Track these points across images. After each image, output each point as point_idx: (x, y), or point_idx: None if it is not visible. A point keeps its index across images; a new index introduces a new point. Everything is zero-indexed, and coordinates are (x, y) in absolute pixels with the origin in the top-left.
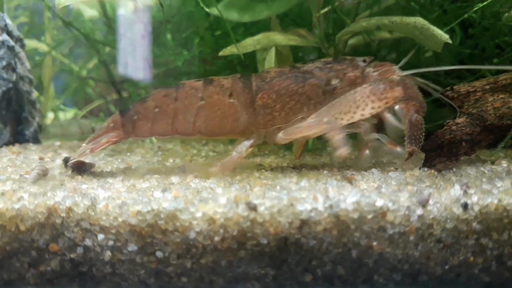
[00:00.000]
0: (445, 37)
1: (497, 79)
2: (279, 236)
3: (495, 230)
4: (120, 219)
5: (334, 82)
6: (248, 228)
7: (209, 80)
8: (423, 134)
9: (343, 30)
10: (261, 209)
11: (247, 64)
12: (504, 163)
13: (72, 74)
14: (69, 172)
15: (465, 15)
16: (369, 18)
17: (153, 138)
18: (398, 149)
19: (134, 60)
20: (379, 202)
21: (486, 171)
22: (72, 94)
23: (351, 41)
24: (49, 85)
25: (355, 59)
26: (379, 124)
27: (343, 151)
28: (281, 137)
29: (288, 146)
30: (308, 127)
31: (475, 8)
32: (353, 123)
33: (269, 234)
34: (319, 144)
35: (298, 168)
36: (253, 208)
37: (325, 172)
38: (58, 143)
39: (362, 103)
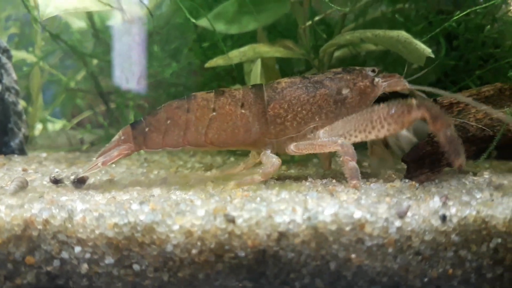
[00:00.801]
0: (428, 51)
1: (480, 91)
2: (257, 248)
3: (473, 242)
4: (97, 232)
5: (345, 91)
6: (226, 241)
7: (220, 91)
8: (462, 145)
9: (327, 43)
10: (239, 221)
11: (235, 76)
12: (486, 174)
13: (60, 85)
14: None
15: (445, 25)
16: (353, 31)
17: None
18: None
19: (125, 71)
20: (357, 214)
21: (467, 183)
22: (61, 105)
23: (337, 53)
24: (38, 96)
25: (364, 69)
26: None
27: (357, 184)
28: (292, 149)
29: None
30: (321, 145)
31: (455, 17)
32: None
33: (247, 246)
34: (304, 155)
35: (282, 179)
36: (231, 220)
37: (307, 183)
38: (44, 154)
39: (378, 125)
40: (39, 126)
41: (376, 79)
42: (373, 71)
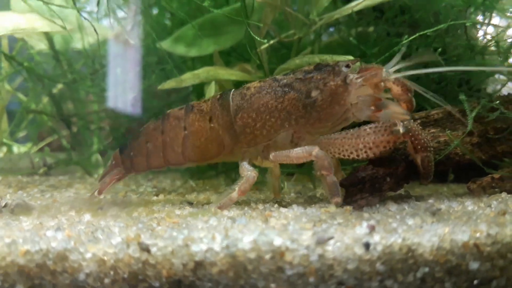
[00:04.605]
0: None
1: (428, 114)
2: (172, 278)
3: (400, 271)
4: (8, 259)
5: (314, 93)
6: (140, 270)
7: (189, 106)
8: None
9: (279, 67)
10: (153, 250)
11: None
12: (431, 199)
13: (24, 108)
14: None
15: (396, 48)
16: (303, 56)
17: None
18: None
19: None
20: (277, 241)
21: (406, 208)
22: (26, 128)
23: None
24: (1, 118)
25: (337, 65)
26: None
27: (338, 201)
28: (271, 158)
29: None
30: (297, 157)
31: (404, 41)
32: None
33: (161, 276)
34: (261, 176)
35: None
36: (145, 249)
37: (246, 208)
38: None
39: (361, 151)
40: (4, 149)
41: (350, 76)
42: (348, 66)
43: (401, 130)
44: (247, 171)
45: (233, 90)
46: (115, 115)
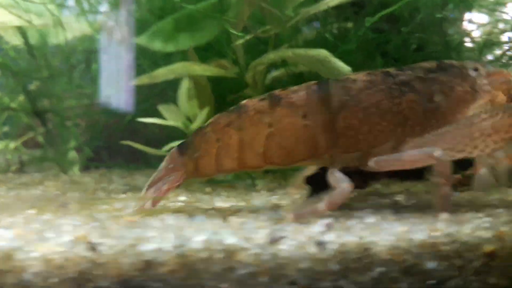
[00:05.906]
0: (347, 69)
1: None
2: (121, 278)
3: (355, 271)
4: None
5: (438, 98)
6: (88, 270)
7: (275, 97)
8: None
9: (253, 62)
10: (102, 249)
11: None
12: (399, 197)
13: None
14: None
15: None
16: (277, 51)
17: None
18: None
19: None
20: (230, 240)
21: (369, 206)
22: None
23: (275, 73)
24: None
25: (464, 67)
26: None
27: (445, 216)
28: (372, 166)
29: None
30: (412, 161)
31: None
32: None
33: (109, 276)
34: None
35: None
36: (93, 248)
37: (210, 207)
38: None
39: (481, 143)
40: None
41: (479, 82)
42: (476, 69)
43: None
44: (341, 182)
45: (330, 80)
46: (91, 112)
